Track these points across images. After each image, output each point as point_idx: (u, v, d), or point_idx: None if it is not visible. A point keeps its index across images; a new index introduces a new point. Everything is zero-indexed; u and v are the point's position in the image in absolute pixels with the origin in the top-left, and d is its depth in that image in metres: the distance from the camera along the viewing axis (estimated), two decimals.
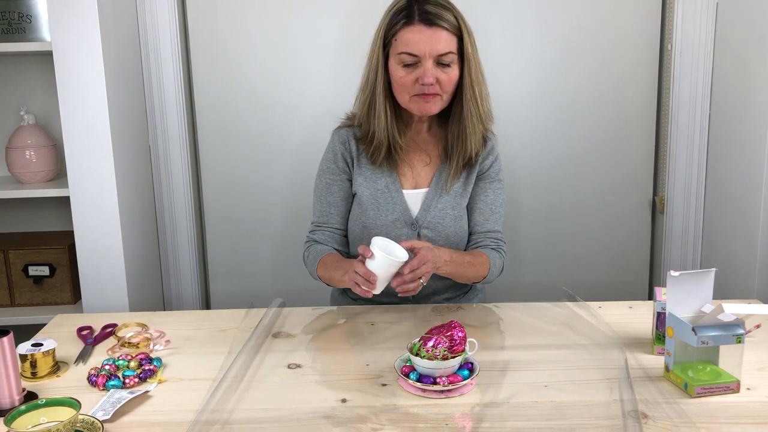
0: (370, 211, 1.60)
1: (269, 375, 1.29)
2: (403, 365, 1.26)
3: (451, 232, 1.61)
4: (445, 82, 1.49)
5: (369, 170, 1.61)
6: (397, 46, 1.48)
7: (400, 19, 1.48)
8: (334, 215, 1.65)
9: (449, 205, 1.60)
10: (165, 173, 2.20)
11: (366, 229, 1.61)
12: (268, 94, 2.23)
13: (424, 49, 1.45)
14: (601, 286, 2.33)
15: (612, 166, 2.27)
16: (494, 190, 1.65)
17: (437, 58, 1.46)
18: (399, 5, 1.50)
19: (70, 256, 2.03)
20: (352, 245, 1.67)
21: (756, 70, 1.84)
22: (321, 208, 1.66)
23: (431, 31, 1.45)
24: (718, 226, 2.09)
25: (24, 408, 1.08)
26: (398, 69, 1.49)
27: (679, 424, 1.10)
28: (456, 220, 1.61)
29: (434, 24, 1.46)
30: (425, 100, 1.50)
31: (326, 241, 1.65)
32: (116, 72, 1.90)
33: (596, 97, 2.23)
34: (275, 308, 1.61)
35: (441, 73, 1.48)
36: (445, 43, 1.47)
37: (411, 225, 1.60)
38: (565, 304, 1.62)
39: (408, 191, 1.61)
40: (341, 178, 1.64)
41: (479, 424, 1.12)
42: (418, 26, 1.46)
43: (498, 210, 1.66)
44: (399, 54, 1.48)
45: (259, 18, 2.18)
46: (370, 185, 1.60)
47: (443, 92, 1.50)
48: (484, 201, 1.64)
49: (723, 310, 1.15)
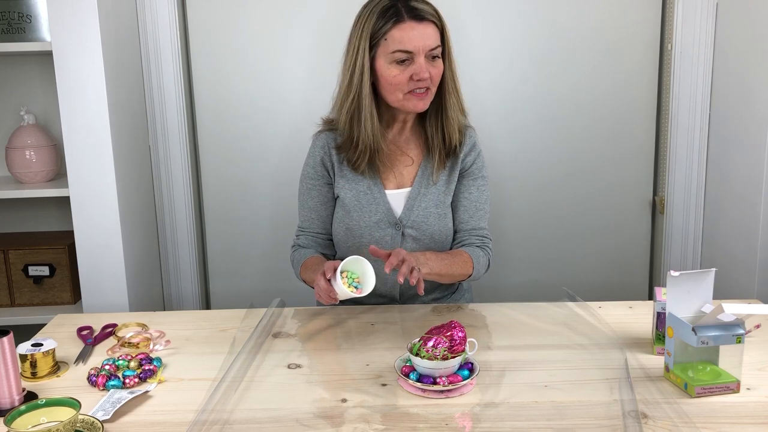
0: (353, 212, 1.60)
1: (269, 375, 1.29)
2: (403, 365, 1.26)
3: (435, 230, 1.61)
4: (435, 75, 1.51)
5: (351, 172, 1.61)
6: (388, 45, 1.48)
7: (389, 18, 1.48)
8: (315, 220, 1.66)
9: (432, 204, 1.60)
10: (165, 173, 2.20)
11: (350, 231, 1.61)
12: (268, 93, 2.23)
13: (417, 44, 1.47)
14: (601, 286, 2.33)
15: (612, 166, 2.27)
16: (478, 187, 1.65)
17: (428, 52, 1.48)
18: (382, 5, 1.50)
19: (70, 256, 2.03)
20: (338, 247, 1.68)
21: (756, 70, 1.84)
22: (303, 213, 1.68)
23: (422, 27, 1.47)
24: (718, 226, 2.09)
25: (24, 408, 1.08)
26: (390, 68, 1.49)
27: (679, 424, 1.10)
28: (440, 218, 1.61)
29: (424, 19, 1.47)
30: (419, 97, 1.51)
31: (309, 245, 1.67)
32: (116, 72, 1.90)
33: (596, 97, 2.23)
34: (275, 308, 1.61)
35: (431, 68, 1.50)
36: (434, 37, 1.49)
37: (395, 225, 1.59)
38: (565, 304, 1.62)
39: (391, 191, 1.61)
40: (321, 183, 1.64)
41: (479, 424, 1.12)
42: (410, 23, 1.47)
43: (483, 207, 1.66)
44: (392, 53, 1.48)
45: (259, 18, 2.18)
46: (352, 187, 1.60)
47: (433, 86, 1.52)
48: (468, 198, 1.64)
49: (723, 310, 1.15)
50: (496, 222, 2.29)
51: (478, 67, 2.19)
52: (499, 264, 2.28)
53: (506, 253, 2.31)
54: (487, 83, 2.21)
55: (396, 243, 1.59)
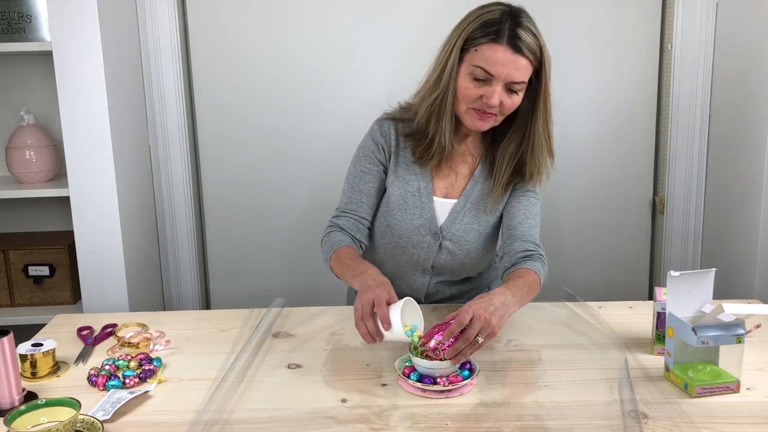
0: (396, 212, 1.55)
1: (269, 375, 1.29)
2: (404, 366, 1.26)
3: (473, 248, 1.56)
4: (507, 106, 1.43)
5: (404, 170, 1.56)
6: (475, 58, 1.40)
7: (488, 33, 1.39)
8: (365, 204, 1.57)
9: (475, 220, 1.55)
10: (165, 173, 2.20)
11: (390, 229, 1.57)
12: (268, 94, 2.23)
13: (501, 72, 1.38)
14: (601, 286, 2.33)
15: (612, 166, 2.27)
16: (528, 198, 1.56)
17: (509, 84, 1.40)
18: (490, 16, 1.40)
19: (70, 256, 2.03)
20: (373, 240, 1.63)
21: (756, 70, 1.84)
22: (351, 195, 1.58)
23: (515, 57, 1.38)
24: (718, 226, 2.09)
25: (24, 408, 1.08)
26: (466, 79, 1.42)
27: (679, 424, 1.10)
28: (480, 236, 1.56)
29: (520, 51, 1.37)
30: (481, 117, 1.44)
31: (350, 228, 1.57)
32: (116, 72, 1.90)
33: (596, 97, 2.23)
34: (275, 308, 1.61)
35: (506, 98, 1.42)
36: (524, 72, 1.40)
37: (435, 234, 1.55)
38: (565, 304, 1.62)
39: (438, 199, 1.56)
40: (378, 169, 1.57)
41: (479, 424, 1.12)
42: (504, 48, 1.37)
43: (532, 216, 1.56)
44: (474, 66, 1.40)
45: (259, 18, 2.18)
46: (402, 185, 1.55)
47: (501, 114, 1.45)
48: (516, 207, 1.55)
49: (723, 310, 1.15)
50: None
51: None
52: None
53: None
54: None
55: (432, 252, 1.56)
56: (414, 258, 1.58)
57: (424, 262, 1.58)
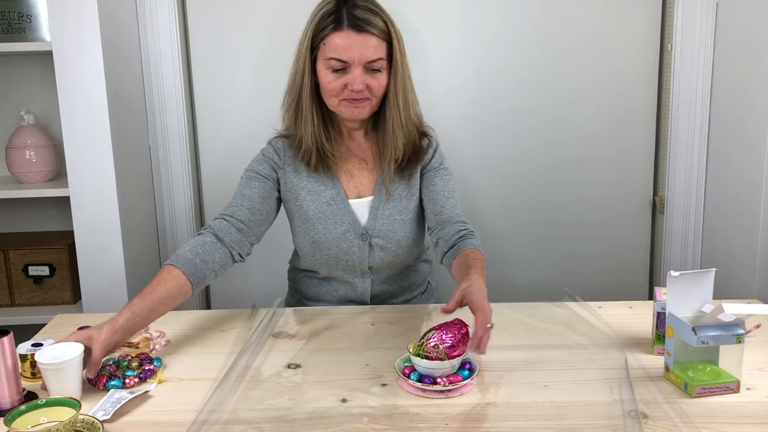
0: (318, 225, 1.56)
1: (269, 375, 1.29)
2: (404, 366, 1.26)
3: (401, 237, 1.58)
4: (375, 87, 1.46)
5: (311, 182, 1.57)
6: (326, 51, 1.44)
7: (329, 23, 1.43)
8: (245, 208, 1.53)
9: (396, 211, 1.57)
10: (165, 173, 2.20)
11: (317, 244, 1.57)
12: (267, 94, 2.22)
13: (353, 55, 1.42)
14: (601, 286, 2.33)
15: (612, 166, 2.27)
16: (441, 177, 1.59)
17: (367, 64, 1.43)
18: (327, 8, 1.45)
19: (70, 256, 2.03)
20: (305, 262, 1.65)
21: (756, 70, 1.84)
22: (233, 200, 1.56)
23: (361, 38, 1.42)
24: (718, 226, 2.09)
25: (24, 408, 1.08)
26: (327, 74, 1.45)
27: (679, 424, 1.10)
28: (405, 224, 1.58)
29: (364, 30, 1.41)
30: (354, 104, 1.47)
31: (220, 230, 1.50)
32: (116, 72, 1.90)
33: (596, 97, 2.23)
34: (275, 308, 1.61)
35: (371, 79, 1.45)
36: (375, 49, 1.43)
37: (361, 236, 1.57)
38: (565, 304, 1.62)
39: (353, 201, 1.58)
40: (264, 177, 1.57)
41: (479, 424, 1.12)
42: (347, 32, 1.42)
43: (451, 195, 1.59)
44: (328, 59, 1.44)
45: (258, 18, 2.18)
46: (314, 198, 1.57)
47: (373, 97, 1.48)
48: (433, 190, 1.58)
49: (723, 310, 1.15)
50: (497, 222, 2.30)
51: (477, 67, 2.19)
52: (499, 264, 2.28)
53: (506, 253, 2.31)
54: (488, 83, 2.20)
55: (364, 254, 1.58)
56: (349, 264, 1.59)
57: (360, 266, 1.59)
